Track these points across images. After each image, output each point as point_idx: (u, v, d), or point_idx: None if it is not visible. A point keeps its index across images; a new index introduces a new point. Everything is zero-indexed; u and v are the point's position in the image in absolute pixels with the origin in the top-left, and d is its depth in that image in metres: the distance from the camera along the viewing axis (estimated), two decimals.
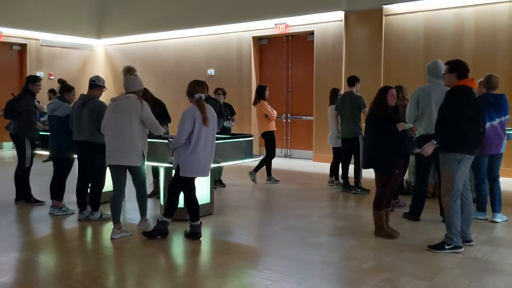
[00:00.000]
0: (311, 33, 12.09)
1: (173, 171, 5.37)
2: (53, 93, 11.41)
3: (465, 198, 4.99)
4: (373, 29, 11.03)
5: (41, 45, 14.81)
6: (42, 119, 10.00)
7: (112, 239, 5.29)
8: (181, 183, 5.24)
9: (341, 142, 8.18)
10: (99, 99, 6.03)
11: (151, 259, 4.73)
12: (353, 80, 8.06)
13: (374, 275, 4.24)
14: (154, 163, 6.16)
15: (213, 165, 5.71)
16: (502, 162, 6.20)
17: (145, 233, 5.33)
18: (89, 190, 6.17)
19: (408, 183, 7.72)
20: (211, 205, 6.42)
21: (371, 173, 5.52)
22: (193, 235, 5.30)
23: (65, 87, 6.52)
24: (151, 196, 7.33)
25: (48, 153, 7.09)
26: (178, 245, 5.28)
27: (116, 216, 5.37)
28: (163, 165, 6.03)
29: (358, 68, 10.72)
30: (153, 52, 15.08)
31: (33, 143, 6.99)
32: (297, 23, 12.11)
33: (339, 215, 6.63)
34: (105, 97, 6.32)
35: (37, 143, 7.26)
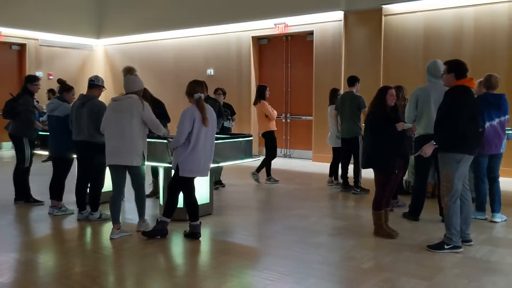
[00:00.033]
0: (311, 33, 12.09)
1: (173, 171, 5.37)
2: (53, 93, 11.40)
3: (464, 198, 4.99)
4: (373, 29, 11.03)
5: (40, 45, 14.81)
6: (41, 119, 10.02)
7: (111, 239, 5.29)
8: (181, 183, 5.24)
9: (340, 142, 8.18)
10: (99, 99, 6.03)
11: (150, 259, 4.73)
12: (353, 80, 8.06)
13: (373, 275, 4.24)
14: (153, 163, 6.16)
15: (213, 165, 5.71)
16: (502, 162, 6.20)
17: (144, 233, 5.32)
18: (88, 190, 6.17)
19: (407, 183, 7.72)
20: (210, 205, 6.42)
21: (371, 173, 5.52)
22: (193, 235, 5.30)
23: (64, 87, 6.52)
24: (150, 196, 7.33)
25: (47, 153, 7.09)
26: (177, 245, 5.28)
27: (115, 216, 5.37)
28: (162, 165, 6.03)
29: (357, 68, 10.72)
30: (153, 52, 15.08)
31: (32, 143, 6.99)
32: (296, 23, 12.11)
33: (339, 215, 6.63)
34: (104, 97, 6.32)
35: (36, 143, 7.26)
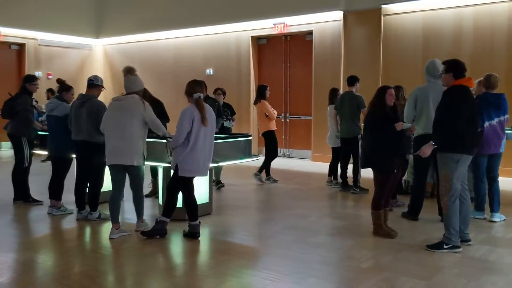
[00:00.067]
0: (310, 32, 12.09)
1: (172, 171, 5.37)
2: (52, 92, 11.40)
3: (463, 198, 4.99)
4: (372, 29, 11.04)
5: (40, 45, 14.80)
6: (40, 118, 10.01)
7: (110, 239, 5.29)
8: (180, 182, 5.24)
9: (340, 141, 8.18)
10: (98, 99, 6.03)
11: (149, 259, 4.72)
12: (352, 79, 8.06)
13: (372, 275, 4.24)
14: (152, 163, 6.16)
15: (212, 165, 5.71)
16: (501, 161, 6.20)
17: (143, 233, 5.32)
18: (87, 189, 6.17)
19: (406, 183, 7.73)
20: (209, 204, 6.42)
21: (370, 173, 5.52)
22: (192, 235, 5.30)
23: (63, 87, 6.51)
24: (149, 195, 7.34)
25: (46, 153, 7.08)
26: (176, 245, 5.28)
27: (114, 216, 5.37)
28: (161, 165, 6.03)
29: (356, 68, 10.71)
30: (152, 51, 15.07)
31: (31, 143, 6.98)
32: (295, 23, 12.11)
33: (338, 215, 6.63)
34: (103, 96, 6.32)
35: (36, 142, 7.26)
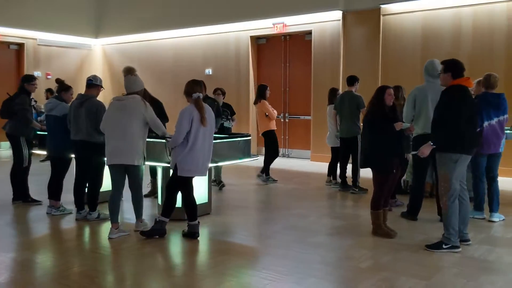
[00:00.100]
0: (309, 32, 12.09)
1: (171, 171, 5.36)
2: (51, 92, 11.39)
3: (461, 198, 4.98)
4: (371, 28, 11.04)
5: (39, 45, 14.79)
6: (39, 118, 10.00)
7: (109, 238, 5.28)
8: (179, 182, 5.24)
9: (340, 141, 8.18)
10: (97, 99, 6.03)
11: (148, 258, 4.72)
12: (352, 79, 8.07)
13: (371, 275, 4.24)
14: (152, 163, 6.15)
15: (211, 165, 5.71)
16: (501, 161, 6.21)
17: (142, 233, 5.32)
18: (86, 189, 6.16)
19: (405, 183, 7.73)
20: (209, 204, 6.41)
21: (369, 173, 5.52)
22: (191, 235, 5.29)
23: (62, 87, 6.51)
24: (148, 195, 7.34)
25: (45, 153, 7.08)
26: (176, 245, 5.28)
27: (114, 215, 5.37)
28: (160, 165, 6.03)
29: (356, 67, 10.72)
30: (151, 51, 15.07)
31: (30, 142, 6.97)
32: (295, 23, 12.11)
33: (337, 215, 6.63)
34: (102, 96, 6.32)
35: (35, 142, 7.25)
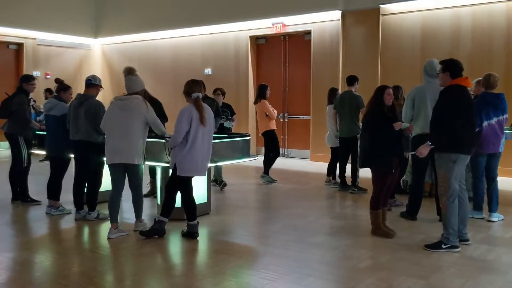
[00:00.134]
0: (308, 32, 12.09)
1: (170, 171, 5.36)
2: (50, 92, 11.37)
3: (461, 198, 4.98)
4: (370, 28, 11.04)
5: (38, 44, 14.78)
6: (38, 118, 9.99)
7: (109, 238, 5.28)
8: (178, 182, 5.24)
9: (339, 141, 8.18)
10: (96, 99, 6.02)
11: (148, 258, 4.72)
12: (352, 79, 8.07)
13: (370, 274, 4.24)
14: (151, 163, 6.15)
15: (211, 165, 5.71)
16: (500, 161, 6.21)
17: (142, 233, 5.31)
18: (86, 189, 6.16)
19: (405, 183, 7.73)
20: (208, 204, 6.41)
21: (368, 173, 5.52)
22: (190, 235, 5.29)
23: (61, 86, 6.51)
24: (148, 195, 7.33)
25: (44, 153, 7.08)
26: (175, 245, 5.28)
27: (113, 215, 5.36)
28: (160, 165, 6.03)
29: (355, 67, 10.72)
30: (150, 51, 15.06)
31: (29, 142, 6.97)
32: (294, 23, 12.12)
33: (336, 215, 6.64)
34: (102, 96, 6.31)
35: (34, 142, 7.24)
